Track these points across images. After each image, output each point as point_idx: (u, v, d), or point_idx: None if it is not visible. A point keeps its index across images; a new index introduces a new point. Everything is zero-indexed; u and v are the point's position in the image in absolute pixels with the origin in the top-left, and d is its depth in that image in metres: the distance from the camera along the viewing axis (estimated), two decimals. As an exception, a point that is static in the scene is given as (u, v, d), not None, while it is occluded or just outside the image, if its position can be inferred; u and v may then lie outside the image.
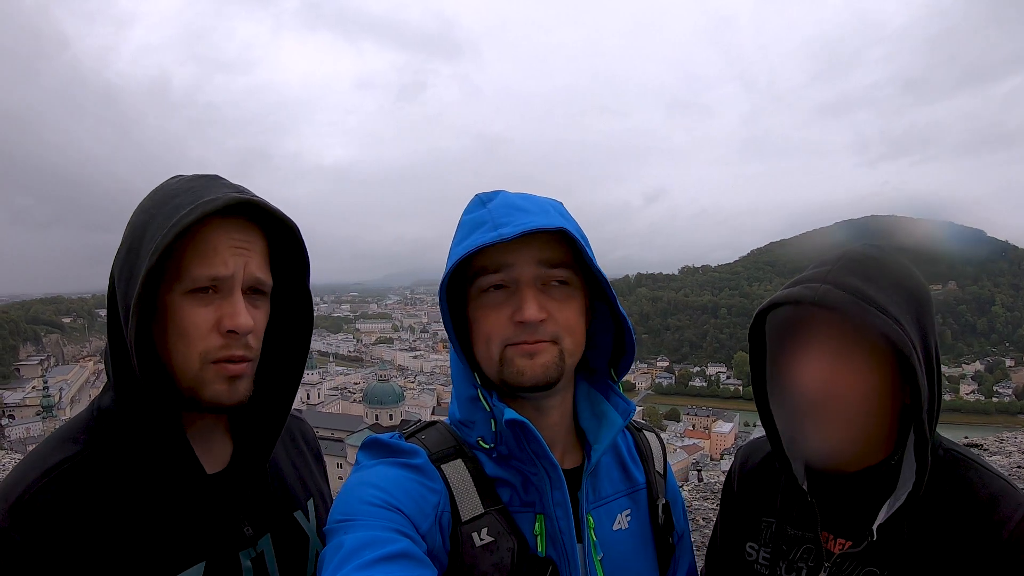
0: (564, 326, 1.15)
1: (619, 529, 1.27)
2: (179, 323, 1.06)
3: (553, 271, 1.14)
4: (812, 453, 1.22)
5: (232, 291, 1.08)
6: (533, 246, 1.13)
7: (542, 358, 1.13)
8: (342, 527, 1.03)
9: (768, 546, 1.34)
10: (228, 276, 1.07)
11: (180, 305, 1.06)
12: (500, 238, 1.07)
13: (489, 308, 1.15)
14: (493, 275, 1.14)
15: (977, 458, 1.21)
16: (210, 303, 1.07)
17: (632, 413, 1.28)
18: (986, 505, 1.12)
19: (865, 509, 1.20)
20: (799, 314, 1.20)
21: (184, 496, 1.11)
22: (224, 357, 1.08)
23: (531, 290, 1.12)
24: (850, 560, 1.20)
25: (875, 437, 1.20)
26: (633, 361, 1.30)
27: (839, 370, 1.15)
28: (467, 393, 1.21)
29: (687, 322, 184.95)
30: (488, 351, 1.16)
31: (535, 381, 1.13)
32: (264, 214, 1.13)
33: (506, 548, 1.10)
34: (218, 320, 1.07)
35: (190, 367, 1.07)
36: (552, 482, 1.16)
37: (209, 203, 1.03)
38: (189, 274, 1.05)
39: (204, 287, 1.06)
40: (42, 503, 0.99)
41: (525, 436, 1.14)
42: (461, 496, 1.13)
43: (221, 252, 1.07)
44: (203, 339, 1.06)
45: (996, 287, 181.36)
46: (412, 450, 1.17)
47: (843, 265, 1.18)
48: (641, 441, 1.42)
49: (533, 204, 1.16)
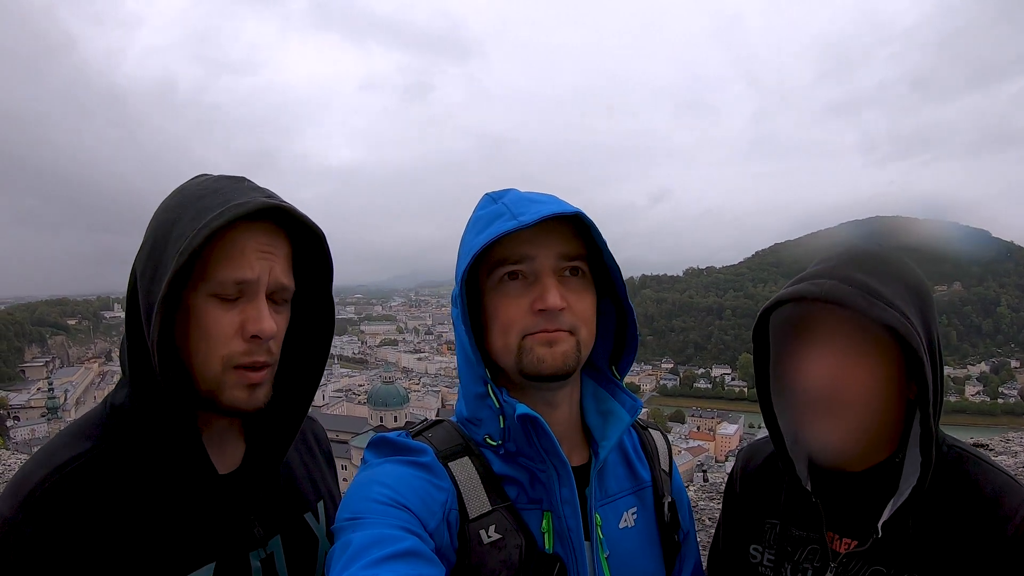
0: (581, 317, 1.16)
1: (625, 527, 1.27)
2: (203, 325, 1.06)
3: (571, 262, 1.16)
4: (819, 451, 1.21)
5: (257, 295, 1.08)
6: (553, 237, 1.14)
7: (561, 347, 1.14)
8: (350, 525, 1.03)
9: (772, 547, 1.33)
10: (254, 280, 1.07)
11: (204, 307, 1.05)
12: (520, 225, 1.09)
13: (508, 298, 1.16)
14: (513, 265, 1.15)
15: (980, 454, 1.21)
16: (234, 307, 1.07)
17: (639, 410, 1.28)
18: (990, 501, 1.12)
19: (870, 507, 1.20)
20: (803, 311, 1.20)
21: (196, 496, 1.11)
22: (247, 363, 1.08)
23: (552, 279, 1.14)
24: (856, 559, 1.20)
25: (880, 434, 1.20)
26: (635, 358, 1.31)
27: (846, 366, 1.14)
28: (475, 390, 1.21)
29: (692, 324, 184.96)
30: (506, 341, 1.16)
31: (555, 369, 1.14)
32: (290, 219, 1.13)
33: (514, 545, 1.11)
34: (242, 324, 1.07)
35: (211, 370, 1.07)
36: (561, 479, 1.16)
37: (240, 207, 1.03)
38: (215, 277, 1.05)
39: (230, 292, 1.06)
40: (54, 498, 0.99)
41: (536, 431, 1.14)
42: (468, 494, 1.13)
43: (248, 256, 1.06)
44: (226, 343, 1.06)
45: (1001, 288, 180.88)
46: (419, 448, 1.17)
47: (846, 261, 1.19)
48: (646, 439, 1.42)
49: (546, 197, 1.19)
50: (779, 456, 1.31)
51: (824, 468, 1.25)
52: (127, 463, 1.06)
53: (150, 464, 1.08)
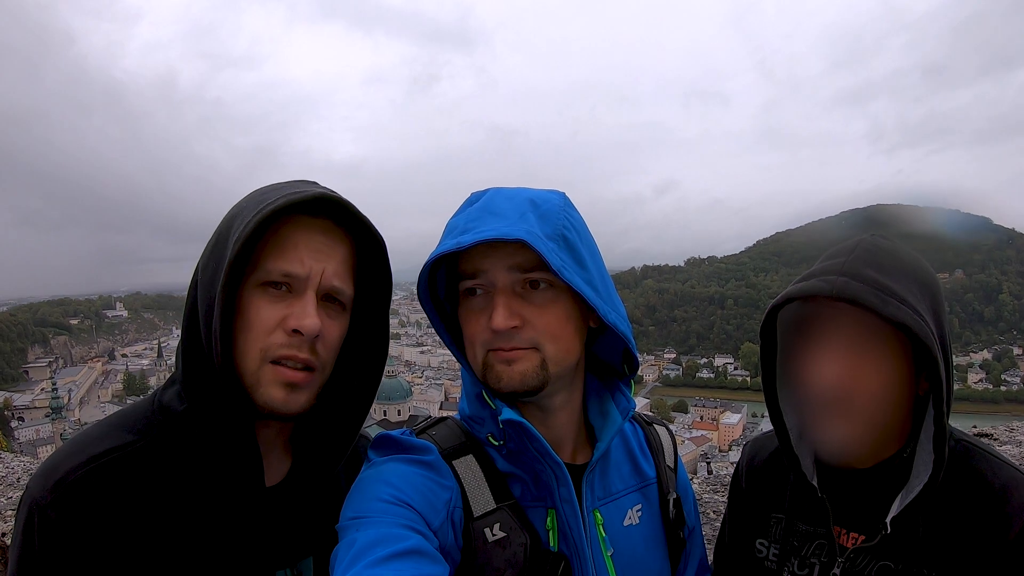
0: (544, 332, 1.12)
1: (630, 524, 1.27)
2: (246, 316, 1.04)
3: (529, 275, 1.11)
4: (828, 451, 1.20)
5: (305, 291, 1.06)
6: (505, 251, 1.10)
7: (520, 365, 1.12)
8: (354, 524, 1.03)
9: (778, 542, 1.33)
10: (303, 276, 1.05)
11: (251, 298, 1.05)
12: (457, 246, 1.07)
13: (471, 312, 1.16)
14: (470, 280, 1.14)
15: (987, 447, 1.20)
16: (281, 300, 1.05)
17: (631, 412, 1.28)
18: (999, 496, 1.12)
19: (877, 503, 1.20)
20: (813, 308, 1.19)
21: (235, 508, 1.09)
22: (285, 356, 1.05)
23: (502, 297, 1.11)
24: (864, 554, 1.20)
25: (889, 430, 1.19)
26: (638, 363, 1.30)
27: (859, 363, 1.13)
28: (475, 390, 1.21)
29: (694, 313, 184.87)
30: (473, 355, 1.16)
31: (512, 388, 1.12)
32: (353, 222, 1.12)
33: (519, 543, 1.10)
34: (284, 318, 1.05)
35: (250, 364, 1.05)
36: (558, 479, 1.16)
37: (294, 195, 1.03)
38: (264, 266, 1.04)
39: (276, 282, 1.05)
40: (84, 487, 0.98)
41: (526, 436, 1.14)
42: (473, 492, 1.13)
43: (299, 250, 1.06)
44: (266, 335, 1.04)
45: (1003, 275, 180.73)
46: (423, 446, 1.16)
47: (857, 256, 1.17)
48: (651, 435, 1.42)
49: (512, 207, 1.13)
50: (784, 452, 1.30)
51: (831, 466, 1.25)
52: (169, 463, 1.05)
53: (194, 467, 1.06)
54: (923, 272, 1.18)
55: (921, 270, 1.18)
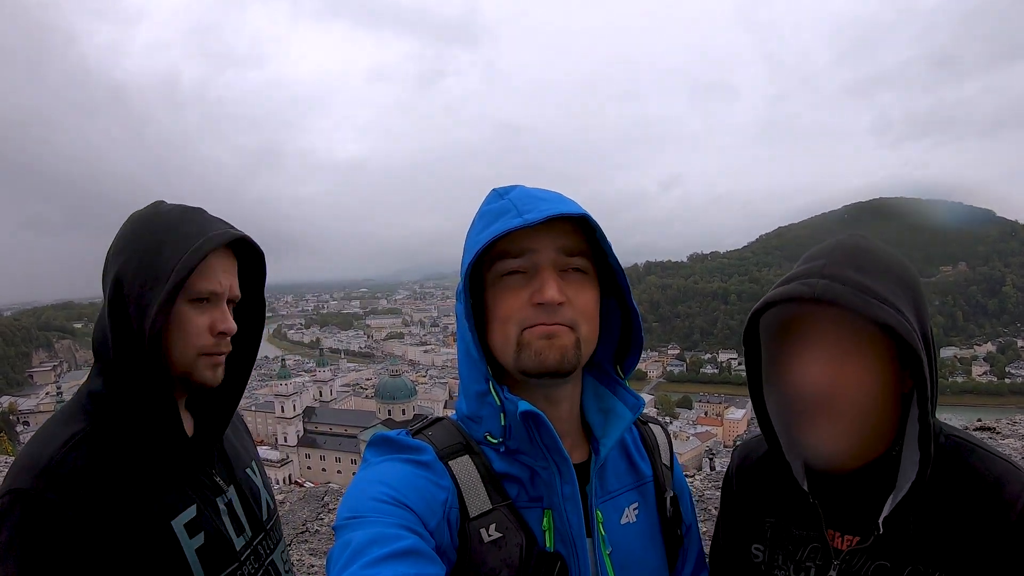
0: (582, 312, 1.15)
1: (627, 523, 1.27)
2: (183, 325, 1.37)
3: (572, 259, 1.15)
4: (815, 454, 1.19)
5: (221, 302, 1.42)
6: (554, 233, 1.14)
7: (560, 341, 1.12)
8: (350, 524, 1.04)
9: (772, 546, 1.33)
10: (220, 292, 1.41)
11: (184, 311, 1.37)
12: (525, 223, 1.09)
13: (508, 291, 1.15)
14: (514, 260, 1.14)
15: (979, 442, 1.19)
16: (205, 311, 1.40)
17: (641, 408, 1.28)
18: (992, 488, 1.11)
19: (869, 503, 1.18)
20: (795, 311, 1.17)
21: (174, 456, 1.39)
22: (215, 352, 1.42)
23: (552, 272, 1.13)
24: (859, 555, 1.19)
25: (876, 431, 1.18)
26: (639, 359, 1.31)
27: (841, 367, 1.12)
28: (476, 388, 1.21)
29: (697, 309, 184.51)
30: (505, 334, 1.16)
31: (554, 364, 1.12)
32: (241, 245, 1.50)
33: (514, 544, 1.11)
34: (211, 324, 1.40)
35: (187, 358, 1.39)
36: (562, 476, 1.16)
37: (218, 238, 1.38)
38: (194, 288, 1.36)
39: (202, 298, 1.39)
40: (70, 466, 1.21)
41: (538, 428, 1.14)
42: (469, 492, 1.13)
43: (217, 273, 1.40)
44: (200, 337, 1.39)
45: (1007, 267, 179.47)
46: (419, 447, 1.17)
47: (836, 258, 1.16)
48: (647, 434, 1.42)
49: (552, 195, 1.18)
50: (774, 457, 1.29)
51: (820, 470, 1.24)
52: (117, 435, 1.31)
53: (136, 433, 1.33)
54: (903, 270, 1.17)
55: (901, 268, 1.18)
